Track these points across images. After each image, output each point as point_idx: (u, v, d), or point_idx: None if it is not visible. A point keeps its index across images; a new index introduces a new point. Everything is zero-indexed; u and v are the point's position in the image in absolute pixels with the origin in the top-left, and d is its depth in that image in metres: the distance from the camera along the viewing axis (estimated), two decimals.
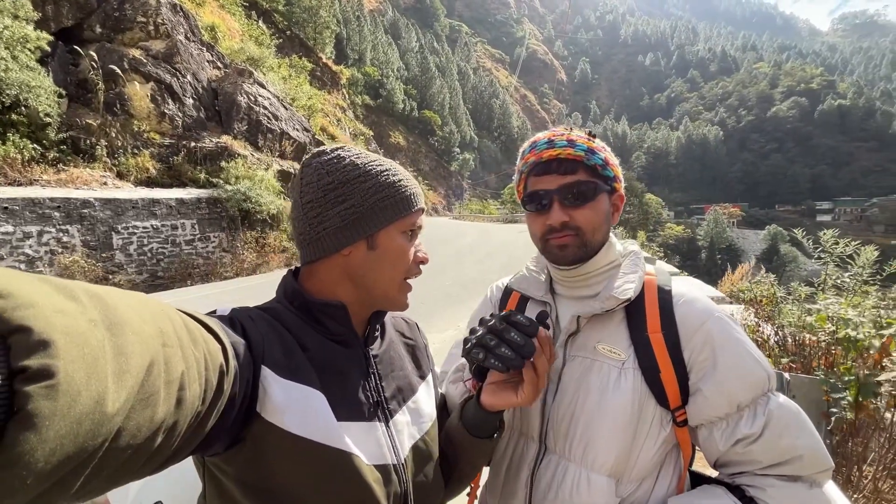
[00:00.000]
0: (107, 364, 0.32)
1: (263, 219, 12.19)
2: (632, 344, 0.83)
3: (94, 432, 0.30)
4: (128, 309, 0.37)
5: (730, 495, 0.77)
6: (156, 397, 0.37)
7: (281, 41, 22.63)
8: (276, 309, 0.72)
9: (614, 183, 0.89)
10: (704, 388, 0.78)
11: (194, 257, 10.72)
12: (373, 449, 0.69)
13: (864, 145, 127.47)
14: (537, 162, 0.87)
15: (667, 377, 0.79)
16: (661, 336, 0.81)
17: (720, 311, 0.83)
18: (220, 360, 0.51)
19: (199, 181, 11.43)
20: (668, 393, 0.79)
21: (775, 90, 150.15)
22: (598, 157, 0.85)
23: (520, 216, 36.24)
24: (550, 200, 0.86)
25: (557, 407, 0.85)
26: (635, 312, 0.84)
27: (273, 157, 14.03)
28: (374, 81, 54.73)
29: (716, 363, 0.78)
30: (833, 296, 2.49)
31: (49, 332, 0.28)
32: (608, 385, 0.81)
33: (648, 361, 0.80)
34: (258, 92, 14.47)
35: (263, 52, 17.10)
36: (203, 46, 14.03)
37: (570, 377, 0.86)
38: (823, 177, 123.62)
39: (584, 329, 0.87)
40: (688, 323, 0.81)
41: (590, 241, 0.86)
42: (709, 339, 0.79)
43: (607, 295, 0.85)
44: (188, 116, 12.23)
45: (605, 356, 0.84)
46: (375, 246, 0.73)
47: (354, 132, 29.81)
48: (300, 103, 18.04)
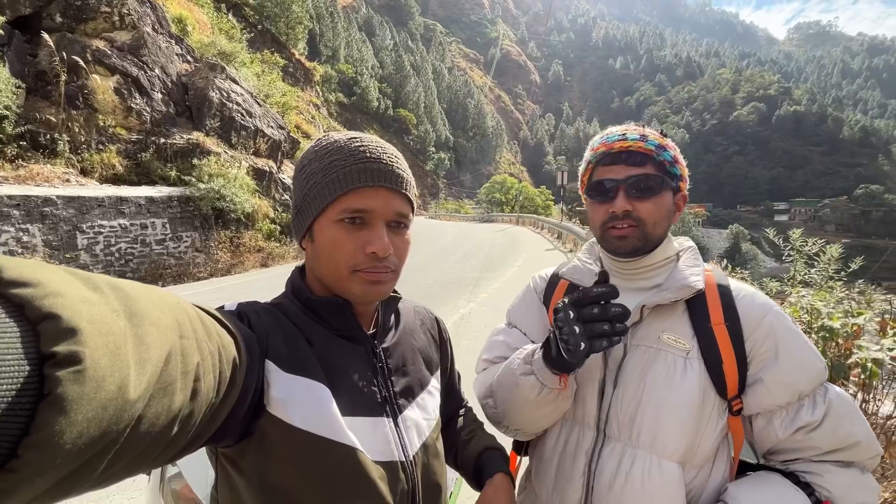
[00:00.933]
0: (128, 352, 0.33)
1: (238, 218, 11.88)
2: (695, 334, 0.84)
3: (117, 417, 0.31)
4: (147, 301, 0.38)
5: (787, 480, 0.80)
6: (173, 387, 0.38)
7: (252, 36, 22.05)
8: (283, 304, 0.72)
9: (680, 182, 0.90)
10: (766, 379, 0.81)
11: (166, 257, 10.34)
12: (379, 445, 0.68)
13: (817, 149, 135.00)
14: (607, 152, 0.88)
15: (728, 367, 0.81)
16: (724, 327, 0.83)
17: (777, 306, 0.86)
18: (233, 353, 0.51)
19: (170, 179, 11.02)
20: (727, 383, 0.81)
21: (736, 95, 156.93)
22: (667, 154, 0.87)
23: (496, 216, 36.49)
24: (616, 189, 0.86)
25: (621, 395, 0.85)
26: (697, 304, 0.86)
27: (247, 154, 13.68)
28: (348, 79, 54.04)
29: (777, 355, 0.81)
30: (804, 290, 2.68)
31: (76, 319, 0.29)
32: (675, 374, 0.82)
33: (711, 352, 0.82)
34: (231, 88, 14.07)
35: (235, 47, 16.62)
36: (171, 39, 13.52)
37: (634, 366, 0.86)
38: (780, 178, 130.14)
39: (646, 319, 0.88)
40: (750, 316, 0.84)
41: (650, 234, 0.87)
42: (771, 331, 0.82)
43: (678, 285, 0.86)
44: (157, 111, 11.77)
45: (669, 346, 0.84)
46: (314, 238, 0.70)
47: (329, 130, 29.39)
48: (274, 100, 17.64)
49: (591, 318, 0.70)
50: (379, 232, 0.68)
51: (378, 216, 0.68)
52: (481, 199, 53.55)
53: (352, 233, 0.67)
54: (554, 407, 0.86)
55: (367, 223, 0.68)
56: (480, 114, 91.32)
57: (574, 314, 0.72)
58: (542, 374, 0.81)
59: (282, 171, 15.22)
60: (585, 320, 0.71)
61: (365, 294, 0.69)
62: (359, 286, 0.68)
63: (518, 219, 29.20)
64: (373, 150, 0.69)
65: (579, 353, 0.70)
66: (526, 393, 0.84)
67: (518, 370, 0.87)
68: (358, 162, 0.67)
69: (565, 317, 0.72)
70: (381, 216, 0.68)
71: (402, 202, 0.71)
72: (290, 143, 16.55)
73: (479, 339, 5.13)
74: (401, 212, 0.70)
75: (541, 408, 0.86)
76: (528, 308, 1.06)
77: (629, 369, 0.86)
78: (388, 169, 0.69)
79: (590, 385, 0.89)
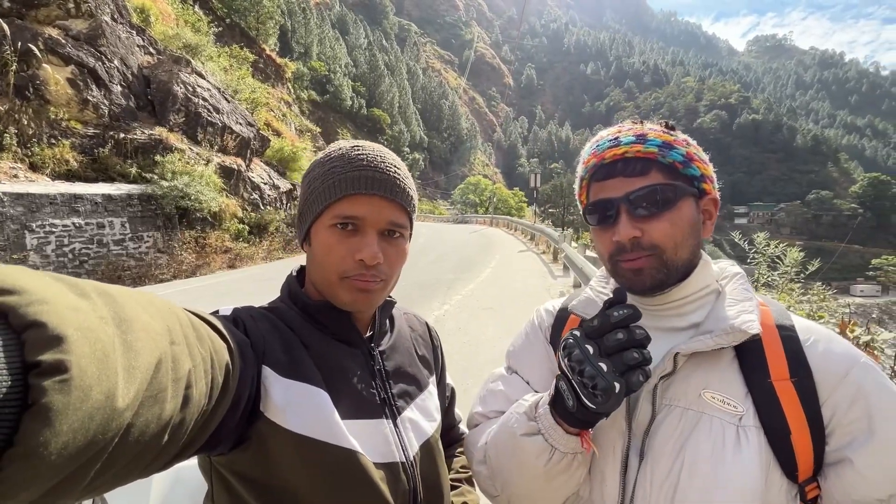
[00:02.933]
0: (117, 360, 0.32)
1: (204, 217, 11.44)
2: (749, 393, 0.63)
3: (104, 427, 0.30)
4: (136, 306, 0.37)
5: None
6: (164, 394, 0.37)
7: (220, 30, 21.35)
8: (279, 308, 0.72)
9: (702, 183, 0.70)
10: (857, 460, 0.59)
11: (125, 259, 9.83)
12: (380, 447, 0.68)
13: (773, 156, 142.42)
14: (599, 164, 0.71)
15: (799, 440, 0.61)
16: (790, 384, 0.63)
17: (864, 356, 0.65)
18: (225, 358, 0.51)
19: (130, 176, 10.49)
20: (798, 460, 0.61)
21: (700, 103, 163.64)
22: (676, 153, 0.68)
23: (470, 217, 36.70)
24: (617, 210, 0.68)
25: (650, 474, 0.65)
26: (750, 352, 0.65)
27: (214, 151, 13.20)
28: (321, 77, 53.17)
29: (873, 427, 0.59)
30: (769, 292, 2.77)
31: (62, 327, 0.28)
32: (724, 446, 0.61)
33: (774, 417, 0.61)
34: (197, 82, 13.54)
35: (201, 40, 16.03)
36: (133, 30, 12.90)
37: (667, 433, 0.65)
38: (740, 184, 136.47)
39: (681, 370, 0.67)
40: (828, 370, 0.63)
41: (672, 262, 0.68)
42: (860, 393, 0.61)
43: (725, 327, 0.65)
44: (116, 105, 11.19)
45: (715, 408, 0.64)
46: (310, 242, 0.72)
47: (301, 128, 28.76)
48: (243, 96, 17.12)
49: (618, 348, 0.56)
50: (369, 239, 0.68)
51: (370, 224, 0.68)
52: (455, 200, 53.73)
53: (343, 239, 0.67)
54: (567, 477, 0.67)
55: (360, 230, 0.68)
56: (455, 115, 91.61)
57: (594, 349, 0.58)
58: (553, 434, 0.64)
59: (251, 170, 14.78)
60: (610, 352, 0.57)
61: (353, 302, 0.69)
62: (347, 293, 0.68)
63: (492, 220, 29.44)
64: (371, 159, 0.69)
65: (615, 396, 0.55)
66: (531, 460, 0.66)
67: (519, 429, 0.68)
68: (354, 169, 0.68)
69: (583, 353, 0.58)
70: (374, 224, 0.68)
71: (398, 211, 0.70)
72: (259, 141, 16.08)
73: (450, 342, 5.11)
74: (395, 221, 0.70)
75: (551, 480, 0.67)
76: (530, 350, 0.85)
77: (660, 438, 0.65)
78: (385, 177, 0.69)
79: (609, 455, 0.69)
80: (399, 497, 0.68)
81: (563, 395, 0.62)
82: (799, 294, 3.36)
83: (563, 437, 0.64)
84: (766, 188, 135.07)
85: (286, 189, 16.17)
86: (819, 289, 3.17)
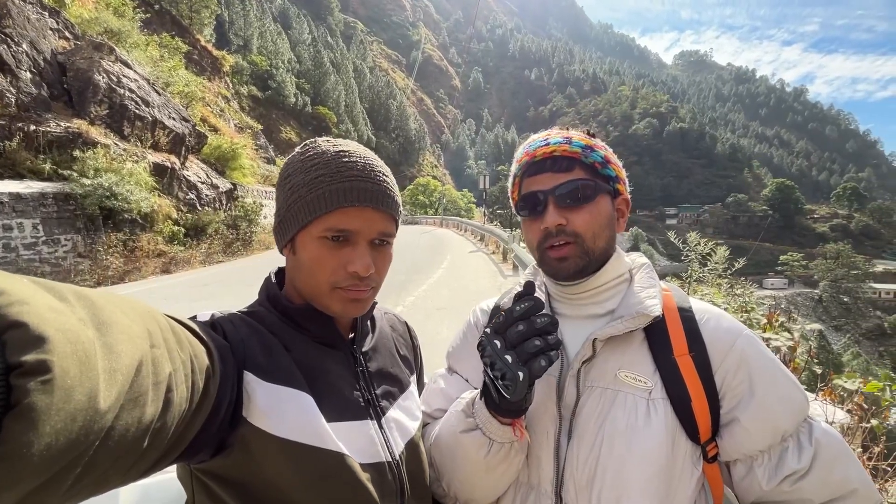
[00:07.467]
0: (98, 362, 0.31)
1: (133, 219, 10.55)
2: (657, 369, 0.71)
3: (86, 429, 0.30)
4: (115, 309, 0.37)
5: None
6: (144, 398, 0.36)
7: (149, 16, 19.77)
8: (258, 312, 0.70)
9: (617, 184, 0.80)
10: (742, 417, 0.69)
11: (38, 264, 8.85)
12: (365, 447, 0.68)
13: (698, 162, 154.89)
14: (531, 161, 0.79)
15: (698, 406, 0.69)
16: (689, 359, 0.70)
17: (747, 329, 0.75)
18: (206, 362, 0.50)
19: (44, 173, 9.46)
20: (699, 425, 0.69)
21: (634, 111, 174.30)
22: (596, 155, 0.77)
23: (420, 218, 36.66)
24: (545, 202, 0.76)
25: (576, 451, 0.72)
26: (657, 333, 0.74)
27: (144, 148, 12.20)
28: (262, 72, 50.83)
29: (753, 388, 0.69)
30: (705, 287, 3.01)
31: (44, 328, 0.28)
32: (637, 419, 0.69)
33: (678, 389, 0.69)
34: (122, 72, 12.47)
35: (126, 26, 14.77)
36: (44, 11, 11.64)
37: (590, 413, 0.72)
38: (670, 187, 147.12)
39: (600, 354, 0.75)
40: (718, 343, 0.72)
41: (591, 250, 0.76)
42: (743, 360, 0.70)
43: (632, 312, 0.72)
44: (25, 93, 10.04)
45: (629, 385, 0.71)
46: (295, 250, 0.70)
47: (241, 125, 27.30)
48: (176, 89, 15.97)
49: (519, 339, 0.61)
50: (361, 251, 0.67)
51: (362, 236, 0.68)
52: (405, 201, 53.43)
53: (334, 251, 0.67)
54: (507, 465, 0.73)
55: (351, 242, 0.67)
56: (403, 115, 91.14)
57: (500, 342, 0.63)
58: (489, 427, 0.70)
59: (186, 168, 13.83)
60: (514, 344, 0.62)
61: (344, 311, 0.69)
62: (338, 304, 0.68)
63: (442, 221, 29.60)
64: (361, 168, 0.68)
65: (520, 384, 0.60)
66: (472, 454, 0.71)
67: (458, 426, 0.74)
68: (345, 180, 0.66)
69: (493, 349, 0.63)
70: (366, 236, 0.68)
71: (388, 221, 0.71)
72: (195, 138, 15.10)
73: None
74: (385, 231, 0.70)
75: (492, 470, 0.72)
76: (468, 348, 0.90)
77: (584, 417, 0.73)
78: (376, 188, 0.68)
79: (543, 439, 0.75)
80: (386, 496, 0.68)
81: (489, 390, 0.67)
82: (727, 288, 3.68)
83: (498, 428, 0.69)
84: (693, 191, 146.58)
85: (226, 189, 15.31)
86: (746, 284, 3.54)
